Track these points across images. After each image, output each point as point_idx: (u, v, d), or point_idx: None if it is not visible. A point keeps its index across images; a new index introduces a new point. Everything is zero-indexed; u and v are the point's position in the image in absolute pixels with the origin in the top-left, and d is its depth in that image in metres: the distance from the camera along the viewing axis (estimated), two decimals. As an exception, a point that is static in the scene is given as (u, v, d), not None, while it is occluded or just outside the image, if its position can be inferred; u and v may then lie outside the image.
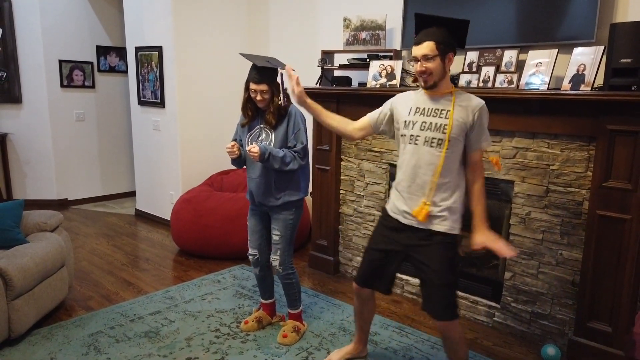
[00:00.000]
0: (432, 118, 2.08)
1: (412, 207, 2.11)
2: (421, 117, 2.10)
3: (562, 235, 2.67)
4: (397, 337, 2.83)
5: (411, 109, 2.15)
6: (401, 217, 2.17)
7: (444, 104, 2.08)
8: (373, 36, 3.70)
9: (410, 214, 2.11)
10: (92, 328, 2.86)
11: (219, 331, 2.85)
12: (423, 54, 2.01)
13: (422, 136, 2.09)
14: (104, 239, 4.56)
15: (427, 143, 2.07)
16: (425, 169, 2.08)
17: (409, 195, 2.13)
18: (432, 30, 2.03)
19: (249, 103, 2.63)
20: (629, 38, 2.39)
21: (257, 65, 2.53)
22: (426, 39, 2.02)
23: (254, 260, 2.81)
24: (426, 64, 2.02)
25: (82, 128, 5.73)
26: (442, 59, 2.03)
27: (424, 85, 2.08)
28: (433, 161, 2.06)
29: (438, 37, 2.01)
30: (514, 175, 2.80)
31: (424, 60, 2.02)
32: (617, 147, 2.38)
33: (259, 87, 2.50)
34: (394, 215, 2.20)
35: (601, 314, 2.54)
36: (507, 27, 3.09)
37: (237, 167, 2.81)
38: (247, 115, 2.66)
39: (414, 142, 2.11)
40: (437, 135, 2.06)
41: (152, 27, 4.70)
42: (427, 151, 2.07)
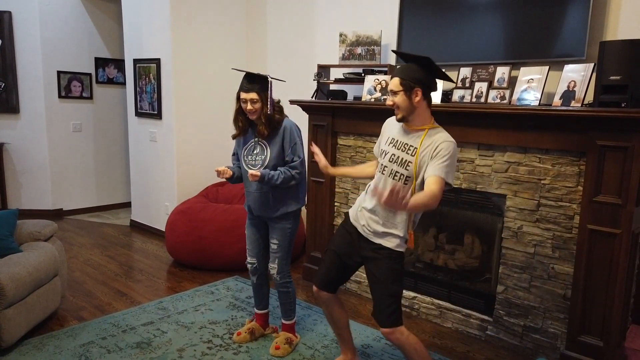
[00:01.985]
0: (400, 152, 2.15)
1: (372, 226, 2.22)
2: (392, 149, 2.19)
3: (554, 249, 2.69)
4: (390, 349, 2.83)
5: (389, 138, 2.24)
6: (359, 227, 2.29)
7: (414, 140, 2.13)
8: (368, 51, 3.75)
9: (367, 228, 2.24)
10: (83, 338, 2.85)
11: (212, 342, 2.84)
12: (390, 89, 2.13)
13: (388, 167, 2.18)
14: (98, 249, 4.55)
15: (392, 175, 2.16)
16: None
17: (370, 215, 2.23)
18: (403, 66, 2.14)
19: (240, 115, 2.64)
20: (618, 56, 2.44)
21: (247, 75, 2.57)
22: (395, 74, 2.14)
23: (252, 269, 2.82)
24: (392, 98, 2.11)
25: (78, 139, 5.75)
26: (408, 94, 2.07)
27: (397, 118, 2.17)
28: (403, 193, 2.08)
29: (404, 73, 2.09)
30: (506, 190, 2.83)
31: (391, 94, 2.12)
32: (607, 163, 2.42)
33: (248, 96, 2.52)
34: (354, 223, 2.33)
35: (593, 328, 2.55)
36: (499, 43, 3.15)
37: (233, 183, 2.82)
38: (238, 127, 2.67)
39: (381, 171, 2.22)
40: (401, 170, 2.14)
41: (151, 40, 4.75)
42: (390, 183, 2.15)
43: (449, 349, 2.89)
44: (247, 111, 2.57)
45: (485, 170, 2.91)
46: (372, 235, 2.23)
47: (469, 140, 2.91)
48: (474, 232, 3.20)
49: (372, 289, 2.25)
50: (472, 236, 3.21)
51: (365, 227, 2.25)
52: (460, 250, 3.29)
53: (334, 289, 2.42)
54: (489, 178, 2.89)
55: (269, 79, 2.54)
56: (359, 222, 2.29)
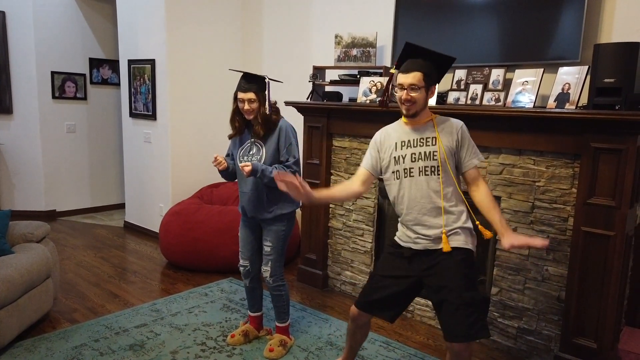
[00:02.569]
0: (420, 148, 2.10)
1: (428, 233, 2.09)
2: (409, 150, 2.11)
3: (548, 251, 2.69)
4: (384, 352, 2.82)
5: (396, 143, 2.15)
6: (412, 244, 2.14)
7: (428, 132, 2.11)
8: (364, 53, 3.75)
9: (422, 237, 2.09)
10: (76, 341, 2.82)
11: (205, 345, 2.83)
12: (411, 84, 2.03)
13: (415, 167, 2.09)
14: (91, 250, 4.52)
15: (422, 173, 2.08)
16: (427, 198, 2.08)
17: (419, 226, 2.11)
18: (420, 61, 2.05)
19: (237, 115, 2.64)
20: (612, 58, 2.45)
21: (245, 75, 2.57)
22: (414, 68, 2.04)
23: (244, 272, 2.80)
24: (412, 94, 2.04)
25: (72, 140, 5.72)
26: (426, 90, 2.07)
27: (406, 113, 2.10)
28: (433, 188, 2.07)
29: (426, 69, 2.05)
30: (500, 192, 2.83)
31: (410, 89, 2.04)
32: (601, 165, 2.42)
33: (246, 96, 2.52)
34: (405, 245, 2.17)
35: (586, 330, 2.55)
36: (494, 46, 3.16)
37: (227, 181, 2.82)
38: (235, 127, 2.67)
39: (409, 175, 2.10)
40: (429, 163, 2.07)
41: (146, 41, 4.73)
42: (425, 180, 2.08)
43: (444, 351, 2.88)
44: (244, 111, 2.56)
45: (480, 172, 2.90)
46: (431, 242, 2.07)
47: (463, 142, 2.91)
48: (468, 234, 3.20)
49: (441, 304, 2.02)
50: (466, 238, 3.21)
51: (418, 238, 2.10)
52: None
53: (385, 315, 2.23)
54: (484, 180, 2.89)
55: (266, 79, 2.55)
56: (411, 239, 2.13)
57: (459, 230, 2.08)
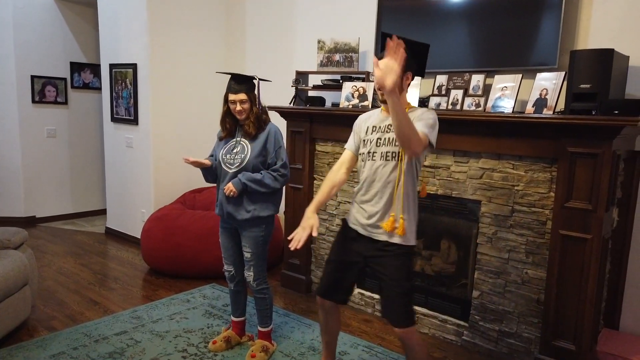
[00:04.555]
0: (386, 134, 2.14)
1: (373, 222, 2.16)
2: (377, 134, 2.17)
3: (527, 255, 2.72)
4: (367, 356, 2.83)
5: (368, 127, 2.23)
6: (360, 229, 2.22)
7: None
8: (346, 58, 3.77)
9: (369, 226, 2.17)
10: (54, 349, 2.77)
11: (186, 351, 2.80)
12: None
13: (378, 152, 2.15)
14: (71, 257, 4.45)
15: (383, 157, 2.13)
16: (384, 182, 2.13)
17: (371, 208, 2.17)
18: None
19: (228, 117, 2.66)
20: (588, 64, 2.50)
21: (234, 76, 2.60)
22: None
23: (229, 276, 2.80)
24: None
25: (53, 144, 5.64)
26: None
27: (381, 98, 2.13)
28: (391, 174, 2.11)
29: None
30: (480, 196, 2.86)
31: None
32: (578, 169, 2.46)
33: (237, 97, 2.55)
34: (353, 227, 2.26)
35: (565, 332, 2.58)
36: (475, 52, 3.20)
37: (211, 182, 2.79)
38: (225, 129, 2.69)
39: (371, 159, 2.17)
40: (391, 148, 2.12)
41: (127, 45, 4.69)
42: (384, 164, 2.13)
43: (426, 354, 2.89)
44: (236, 112, 2.59)
45: (461, 176, 2.93)
46: (375, 232, 2.17)
47: (444, 147, 2.93)
48: (450, 238, 3.23)
49: (382, 289, 2.18)
50: (448, 242, 3.24)
51: (367, 226, 2.18)
52: (437, 256, 3.30)
53: (342, 299, 2.34)
54: (464, 184, 2.92)
55: (256, 79, 2.59)
56: (359, 223, 2.22)
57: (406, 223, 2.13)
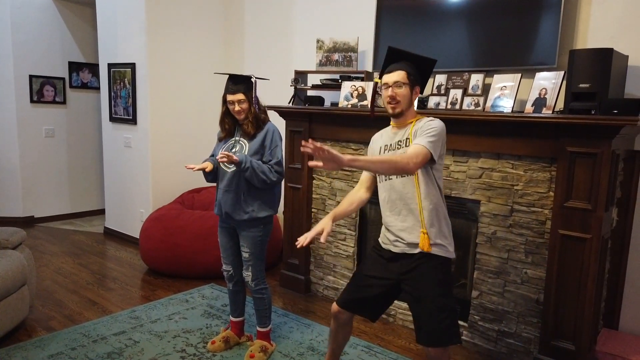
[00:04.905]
0: (397, 150, 2.13)
1: (404, 237, 2.10)
2: (389, 153, 2.16)
3: (527, 254, 2.72)
4: (366, 356, 2.82)
5: (381, 147, 2.21)
6: (392, 247, 2.16)
7: (405, 133, 2.13)
8: (345, 58, 3.77)
9: (401, 242, 2.11)
10: (52, 349, 2.76)
11: (185, 352, 2.79)
12: (395, 81, 2.08)
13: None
14: (70, 257, 4.44)
15: (399, 175, 2.10)
16: (403, 200, 2.10)
17: (399, 227, 2.12)
18: (403, 62, 2.12)
19: (226, 117, 2.67)
20: (587, 64, 2.50)
21: (232, 76, 2.60)
22: (398, 68, 2.10)
23: (228, 276, 2.80)
24: (396, 90, 2.08)
25: (51, 144, 5.62)
26: (410, 89, 2.10)
27: (392, 112, 2.12)
28: (409, 190, 2.08)
29: (409, 68, 2.11)
30: (480, 195, 2.86)
31: (395, 87, 2.08)
32: (577, 169, 2.46)
33: (235, 97, 2.55)
34: (386, 247, 2.20)
35: (565, 332, 2.58)
36: (474, 51, 3.19)
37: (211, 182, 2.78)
38: (225, 129, 2.69)
39: (387, 178, 2.14)
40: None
41: (126, 44, 4.68)
42: (401, 182, 2.10)
43: (424, 355, 2.87)
44: (234, 112, 2.59)
45: (460, 176, 2.93)
46: (407, 247, 2.09)
47: (443, 146, 2.93)
48: (449, 238, 3.22)
49: (416, 308, 2.06)
50: (447, 242, 3.23)
51: (399, 241, 2.12)
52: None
53: (366, 314, 2.26)
54: (464, 184, 2.92)
55: (253, 78, 2.60)
56: (390, 241, 2.16)
57: (437, 235, 2.08)
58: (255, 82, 2.62)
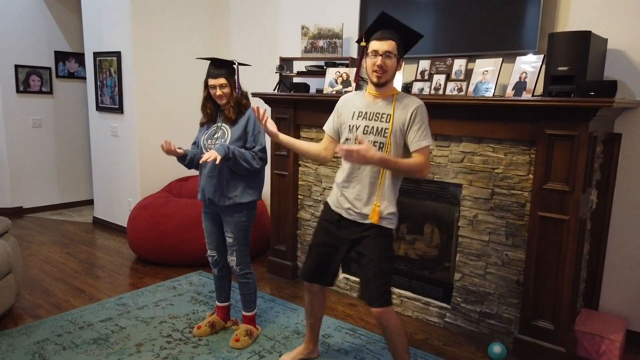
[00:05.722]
0: (374, 122, 2.13)
1: (358, 207, 2.18)
2: (364, 121, 2.16)
3: (507, 237, 2.75)
4: (350, 338, 2.86)
5: (354, 113, 2.20)
6: (344, 213, 2.24)
7: (385, 108, 2.13)
8: (330, 44, 3.76)
9: (353, 210, 2.19)
10: (38, 336, 2.78)
11: (171, 337, 2.82)
12: (386, 50, 2.06)
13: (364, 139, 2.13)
14: (58, 247, 4.45)
15: None
16: (369, 171, 2.14)
17: (354, 195, 2.19)
18: (393, 32, 2.10)
19: (208, 102, 2.67)
20: (566, 47, 2.52)
21: (214, 61, 2.59)
22: (390, 37, 2.07)
23: (212, 261, 2.82)
24: (386, 60, 2.07)
25: (38, 134, 5.59)
26: (397, 60, 2.11)
27: (377, 82, 2.11)
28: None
29: (398, 39, 2.10)
30: (462, 179, 2.89)
31: (385, 56, 2.06)
32: (556, 151, 2.49)
33: (217, 82, 2.55)
34: (337, 210, 2.27)
35: (544, 312, 2.63)
36: (457, 37, 3.20)
37: (189, 168, 2.79)
38: (206, 114, 2.69)
39: None
40: (379, 139, 2.12)
41: (111, 33, 4.65)
42: None
43: (409, 336, 2.93)
44: (216, 97, 2.59)
45: (442, 160, 2.95)
46: (359, 216, 2.19)
47: (426, 131, 2.94)
48: (433, 222, 3.26)
49: (363, 270, 2.20)
50: (431, 226, 3.27)
51: (351, 209, 2.20)
52: (420, 240, 3.33)
53: (328, 281, 2.39)
54: (446, 168, 2.94)
55: (235, 63, 2.59)
56: (342, 207, 2.24)
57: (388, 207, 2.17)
58: (238, 68, 2.61)
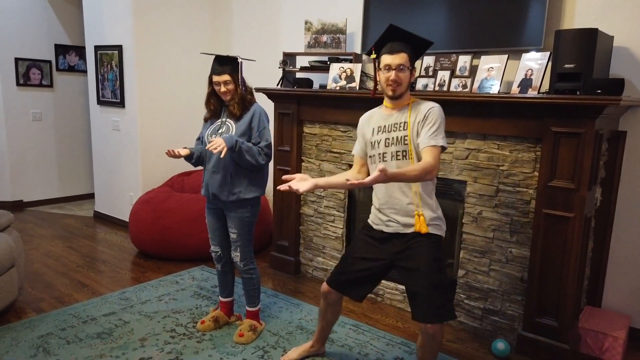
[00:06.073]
0: (393, 133, 2.12)
1: (398, 219, 2.13)
2: (384, 135, 2.14)
3: (512, 234, 2.76)
4: (354, 334, 2.86)
5: (374, 129, 2.19)
6: (384, 227, 2.19)
7: (402, 117, 2.12)
8: (334, 39, 3.75)
9: (395, 221, 2.13)
10: (42, 330, 2.78)
11: (175, 331, 2.82)
12: (399, 64, 2.05)
13: (388, 152, 2.12)
14: (59, 240, 4.44)
15: (394, 157, 2.11)
16: (399, 183, 2.10)
17: (390, 210, 2.15)
18: (404, 43, 2.08)
19: (212, 97, 2.67)
20: (572, 44, 2.51)
21: (218, 57, 2.59)
22: (401, 50, 2.06)
23: (216, 257, 2.82)
24: (399, 74, 2.06)
25: (39, 128, 5.57)
26: (410, 72, 2.10)
27: (392, 95, 2.10)
28: None
29: (410, 50, 2.08)
30: (466, 176, 2.89)
31: (398, 70, 2.05)
32: (561, 148, 2.49)
33: (221, 78, 2.55)
34: (377, 227, 2.22)
35: (548, 309, 2.63)
36: (462, 33, 3.19)
37: (196, 166, 2.79)
38: (210, 110, 2.69)
39: (382, 160, 2.14)
40: (401, 147, 2.10)
41: (112, 26, 4.63)
42: (396, 165, 2.10)
43: (412, 332, 2.94)
44: (220, 93, 2.60)
45: (447, 157, 2.95)
46: (401, 227, 2.13)
47: (431, 127, 2.94)
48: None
49: (412, 284, 2.07)
50: (434, 222, 3.26)
51: (390, 222, 2.15)
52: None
53: (355, 295, 2.27)
54: (450, 165, 2.94)
55: (239, 59, 2.59)
56: (382, 222, 2.18)
57: (431, 214, 2.12)
58: (242, 63, 2.61)
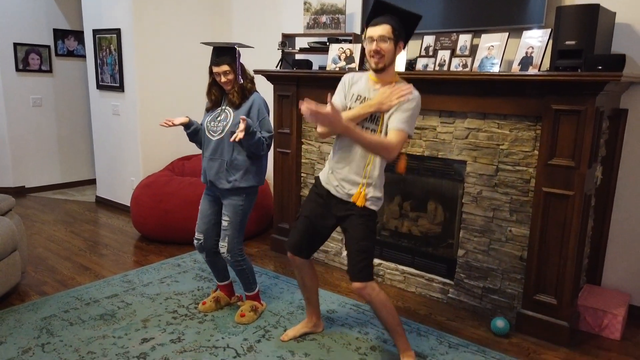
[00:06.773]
0: None
1: (345, 187, 2.23)
2: (358, 105, 2.16)
3: (511, 213, 2.76)
4: (354, 314, 2.88)
5: (354, 95, 2.21)
6: (332, 190, 2.29)
7: None
8: (333, 20, 3.71)
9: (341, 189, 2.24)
10: (45, 312, 2.81)
11: (177, 312, 2.84)
12: (380, 35, 2.06)
13: (359, 124, 2.14)
14: (62, 225, 4.46)
15: None
16: (360, 157, 2.18)
17: (343, 176, 2.23)
18: (389, 16, 2.09)
19: (213, 87, 2.68)
20: (573, 21, 2.48)
21: (216, 48, 2.58)
22: (384, 21, 2.07)
23: (198, 245, 2.78)
24: (381, 45, 2.06)
25: (39, 113, 5.56)
26: (394, 45, 2.09)
27: (375, 67, 2.11)
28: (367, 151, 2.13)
29: (394, 23, 2.08)
30: (466, 156, 2.87)
31: (379, 40, 2.06)
32: (561, 126, 2.47)
33: (220, 69, 2.55)
34: (326, 186, 2.31)
35: (547, 287, 2.64)
36: (462, 11, 3.15)
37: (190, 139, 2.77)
38: (211, 100, 2.70)
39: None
40: (372, 125, 2.15)
41: (111, 9, 4.59)
42: None
43: (412, 311, 2.96)
44: (222, 84, 2.61)
45: (447, 137, 2.94)
46: (345, 195, 2.24)
47: (431, 107, 2.92)
48: (436, 199, 3.26)
49: (347, 246, 2.27)
50: (435, 203, 3.27)
51: (339, 187, 2.25)
52: (424, 217, 3.34)
53: (307, 255, 2.42)
54: (450, 145, 2.93)
55: (236, 48, 2.56)
56: (331, 184, 2.28)
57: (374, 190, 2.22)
58: (239, 52, 2.58)
